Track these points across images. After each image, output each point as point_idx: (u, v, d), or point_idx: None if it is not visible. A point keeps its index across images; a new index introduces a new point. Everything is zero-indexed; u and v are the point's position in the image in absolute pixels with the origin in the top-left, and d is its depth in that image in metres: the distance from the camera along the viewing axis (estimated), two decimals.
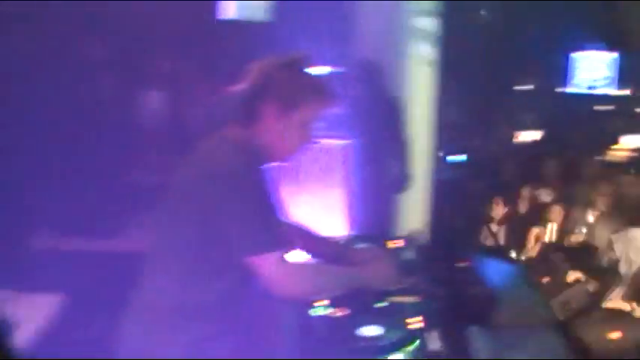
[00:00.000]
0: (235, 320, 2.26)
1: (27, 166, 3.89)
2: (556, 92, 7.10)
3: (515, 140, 7.07)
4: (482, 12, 6.10)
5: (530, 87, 7.07)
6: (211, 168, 2.14)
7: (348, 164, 3.76)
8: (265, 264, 2.09)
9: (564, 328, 2.30)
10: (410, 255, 2.76)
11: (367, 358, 2.01)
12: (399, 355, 2.00)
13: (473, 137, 6.99)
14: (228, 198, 2.08)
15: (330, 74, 3.75)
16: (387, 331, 2.12)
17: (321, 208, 3.68)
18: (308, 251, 2.53)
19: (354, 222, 3.72)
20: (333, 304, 2.27)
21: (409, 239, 2.89)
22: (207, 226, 2.10)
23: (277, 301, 2.26)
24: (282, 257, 2.12)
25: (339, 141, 3.71)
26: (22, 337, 2.67)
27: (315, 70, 2.27)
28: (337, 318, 2.22)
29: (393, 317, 2.21)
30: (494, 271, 2.59)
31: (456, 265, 2.60)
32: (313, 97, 2.20)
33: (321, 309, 2.25)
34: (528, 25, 6.10)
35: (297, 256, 2.45)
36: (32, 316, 2.84)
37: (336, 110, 3.43)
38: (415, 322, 2.17)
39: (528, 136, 6.82)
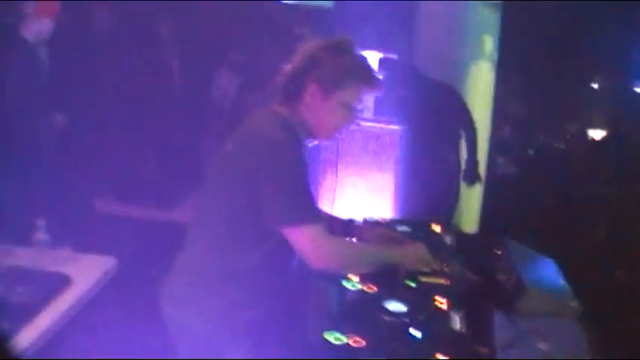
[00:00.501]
0: (269, 290, 2.35)
1: (93, 136, 4.10)
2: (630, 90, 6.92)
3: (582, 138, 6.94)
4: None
5: (602, 84, 6.91)
6: (257, 140, 2.26)
7: (400, 150, 3.82)
8: (301, 236, 2.18)
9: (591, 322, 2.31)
10: (449, 240, 2.81)
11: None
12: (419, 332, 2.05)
13: (538, 134, 6.91)
14: (270, 169, 2.18)
15: (385, 60, 3.79)
16: (411, 309, 2.18)
17: (371, 190, 3.76)
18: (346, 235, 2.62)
19: (402, 206, 3.79)
20: (362, 281, 2.35)
21: (449, 225, 2.94)
22: (248, 196, 2.21)
23: (310, 274, 2.35)
24: (319, 230, 2.20)
25: (393, 126, 3.77)
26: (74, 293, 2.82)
27: (360, 55, 2.33)
28: (366, 293, 2.29)
29: (420, 297, 2.28)
30: (529, 262, 2.62)
31: (491, 252, 2.64)
32: (354, 80, 2.28)
33: (350, 284, 2.33)
34: (602, 21, 5.98)
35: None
36: (87, 275, 3.00)
37: (383, 94, 3.53)
38: (441, 303, 2.23)
39: (597, 134, 6.68)
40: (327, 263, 2.25)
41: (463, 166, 4.28)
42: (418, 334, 2.05)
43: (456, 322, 2.14)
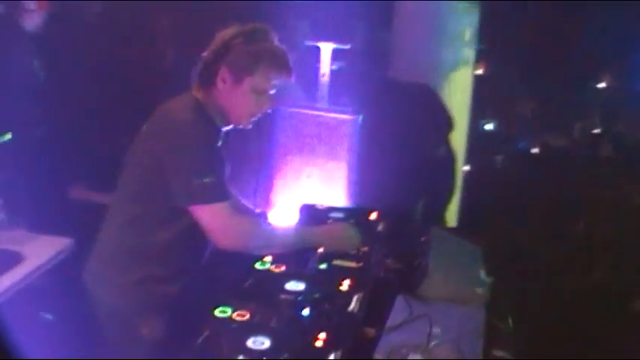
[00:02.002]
0: (182, 266, 2.44)
1: None
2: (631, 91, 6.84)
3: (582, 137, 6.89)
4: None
5: (605, 84, 6.85)
6: (167, 121, 2.35)
7: (354, 140, 3.87)
8: (207, 214, 2.27)
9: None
10: (381, 227, 2.86)
11: None
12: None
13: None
14: (176, 149, 2.27)
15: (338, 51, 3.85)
16: (308, 289, 2.24)
17: (323, 179, 3.82)
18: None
19: (353, 196, 3.84)
20: (274, 262, 2.42)
21: (386, 213, 2.98)
22: (158, 175, 2.29)
23: (221, 253, 2.43)
24: (224, 208, 2.28)
25: (345, 116, 3.82)
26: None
27: (272, 42, 2.39)
28: (270, 273, 2.36)
29: (324, 278, 2.33)
30: (450, 250, 2.66)
31: (415, 239, 2.68)
32: (263, 66, 2.35)
33: (260, 264, 2.40)
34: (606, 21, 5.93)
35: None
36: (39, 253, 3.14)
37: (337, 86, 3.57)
38: (342, 285, 2.28)
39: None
40: (234, 242, 2.32)
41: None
42: (306, 311, 2.09)
43: (352, 304, 2.18)
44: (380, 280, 2.39)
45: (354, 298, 2.22)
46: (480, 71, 5.41)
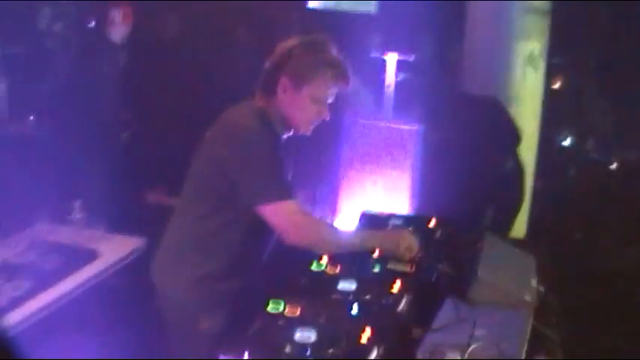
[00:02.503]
0: (242, 265, 2.56)
1: None
2: None
3: None
4: None
5: None
6: (231, 129, 2.49)
7: (418, 150, 3.93)
8: (276, 212, 2.39)
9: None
10: (439, 234, 2.92)
11: None
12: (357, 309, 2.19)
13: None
14: (241, 155, 2.41)
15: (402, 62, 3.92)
16: (359, 289, 2.33)
17: (387, 188, 3.89)
18: None
19: (417, 205, 3.90)
20: (330, 263, 2.52)
21: (444, 221, 3.04)
22: (222, 179, 2.44)
23: (283, 255, 2.55)
24: (294, 206, 2.40)
25: (408, 126, 3.89)
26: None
27: (332, 52, 2.50)
28: (326, 274, 2.46)
29: (377, 280, 2.41)
30: (504, 257, 2.69)
31: (471, 247, 2.72)
32: (321, 75, 2.46)
33: (315, 265, 2.51)
34: None
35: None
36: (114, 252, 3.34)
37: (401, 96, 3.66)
38: (393, 287, 2.36)
39: None
40: (301, 238, 2.42)
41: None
42: (355, 310, 2.18)
43: (400, 305, 2.26)
44: (430, 283, 2.44)
45: (403, 300, 2.29)
46: (556, 85, 5.37)
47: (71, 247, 3.29)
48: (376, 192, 3.90)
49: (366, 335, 2.02)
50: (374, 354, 1.95)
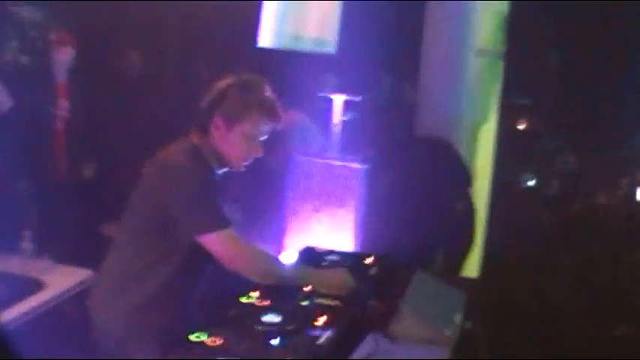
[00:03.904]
0: (176, 296, 2.64)
1: None
2: None
3: None
4: None
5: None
6: (166, 165, 2.58)
7: (363, 189, 4.04)
8: (216, 240, 2.49)
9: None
10: (373, 271, 3.01)
11: None
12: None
13: None
14: (176, 190, 2.50)
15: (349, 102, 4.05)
16: (284, 321, 2.40)
17: (332, 226, 3.98)
18: None
19: (363, 244, 3.98)
20: (259, 297, 2.59)
21: (381, 258, 3.12)
22: (157, 213, 2.53)
23: (213, 289, 2.63)
24: (231, 234, 2.50)
25: (354, 164, 3.99)
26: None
27: (263, 91, 2.61)
28: (254, 306, 2.53)
29: (303, 313, 2.49)
30: (431, 293, 2.78)
31: (398, 283, 2.80)
32: (253, 113, 2.56)
33: (245, 297, 2.58)
34: None
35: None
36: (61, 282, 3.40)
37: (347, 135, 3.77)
38: (318, 321, 2.43)
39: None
40: (240, 266, 2.53)
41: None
42: (276, 342, 2.25)
43: (322, 338, 2.32)
44: (356, 318, 2.52)
45: (326, 334, 2.36)
46: (511, 125, 5.50)
47: (17, 277, 3.34)
48: (322, 229, 3.99)
49: None
50: None
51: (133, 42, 5.42)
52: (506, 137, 5.16)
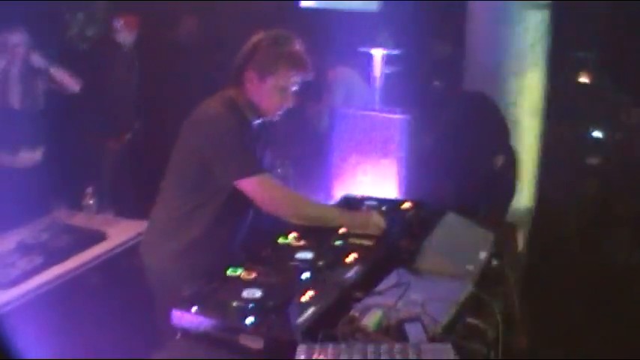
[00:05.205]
0: (217, 239, 2.85)
1: None
2: None
3: None
4: None
5: None
6: (203, 116, 2.79)
7: (404, 138, 4.14)
8: (253, 184, 2.69)
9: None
10: (408, 215, 3.14)
11: None
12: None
13: None
14: (214, 139, 2.70)
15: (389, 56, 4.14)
16: (315, 258, 2.58)
17: (376, 176, 4.12)
18: None
19: (406, 192, 4.10)
20: (298, 238, 2.77)
21: (418, 204, 3.25)
22: (197, 162, 2.74)
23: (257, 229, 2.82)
24: (267, 178, 2.72)
25: (395, 115, 4.10)
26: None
27: (294, 45, 2.77)
28: (290, 246, 2.72)
29: (335, 252, 2.66)
30: (459, 231, 2.90)
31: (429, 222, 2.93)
32: (283, 66, 2.73)
33: (282, 238, 2.77)
34: None
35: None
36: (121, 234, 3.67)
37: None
38: (348, 258, 2.61)
39: None
40: (277, 208, 2.74)
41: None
42: (306, 275, 2.44)
43: (350, 272, 2.49)
44: (383, 255, 2.67)
45: (353, 269, 2.52)
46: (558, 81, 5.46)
47: (82, 229, 3.62)
48: (366, 180, 4.13)
49: (307, 295, 2.27)
50: (310, 311, 2.18)
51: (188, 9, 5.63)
52: (555, 90, 5.14)
